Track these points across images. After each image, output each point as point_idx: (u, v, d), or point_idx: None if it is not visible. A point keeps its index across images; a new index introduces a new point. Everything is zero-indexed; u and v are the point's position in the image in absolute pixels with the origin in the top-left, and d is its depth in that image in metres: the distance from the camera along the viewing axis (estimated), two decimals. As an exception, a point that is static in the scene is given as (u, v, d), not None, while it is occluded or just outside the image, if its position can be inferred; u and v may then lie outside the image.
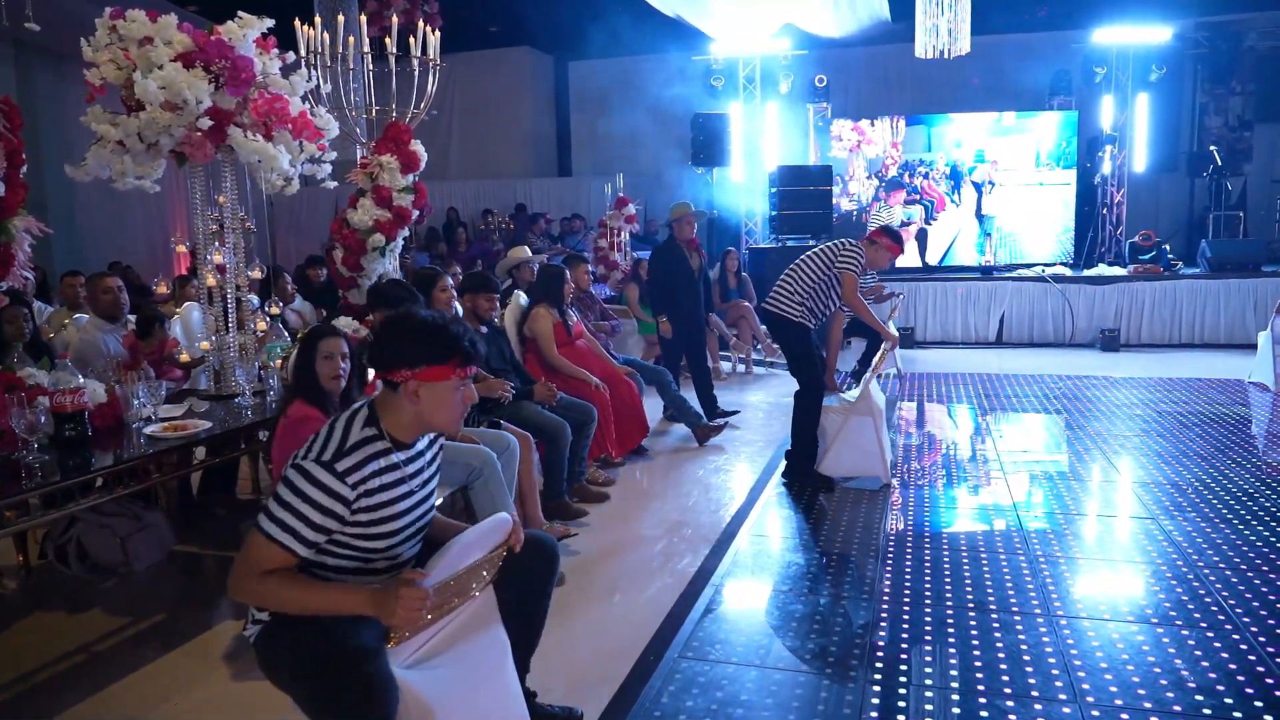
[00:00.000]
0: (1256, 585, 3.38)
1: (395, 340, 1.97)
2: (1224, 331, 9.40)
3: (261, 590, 1.88)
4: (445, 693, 1.93)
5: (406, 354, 1.94)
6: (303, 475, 1.89)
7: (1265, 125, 12.14)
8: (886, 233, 4.84)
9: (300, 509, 1.87)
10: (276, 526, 1.87)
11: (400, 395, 1.96)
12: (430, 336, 1.94)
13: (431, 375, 1.93)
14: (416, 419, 1.98)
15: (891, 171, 11.06)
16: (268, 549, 1.87)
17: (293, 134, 3.74)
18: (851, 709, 2.62)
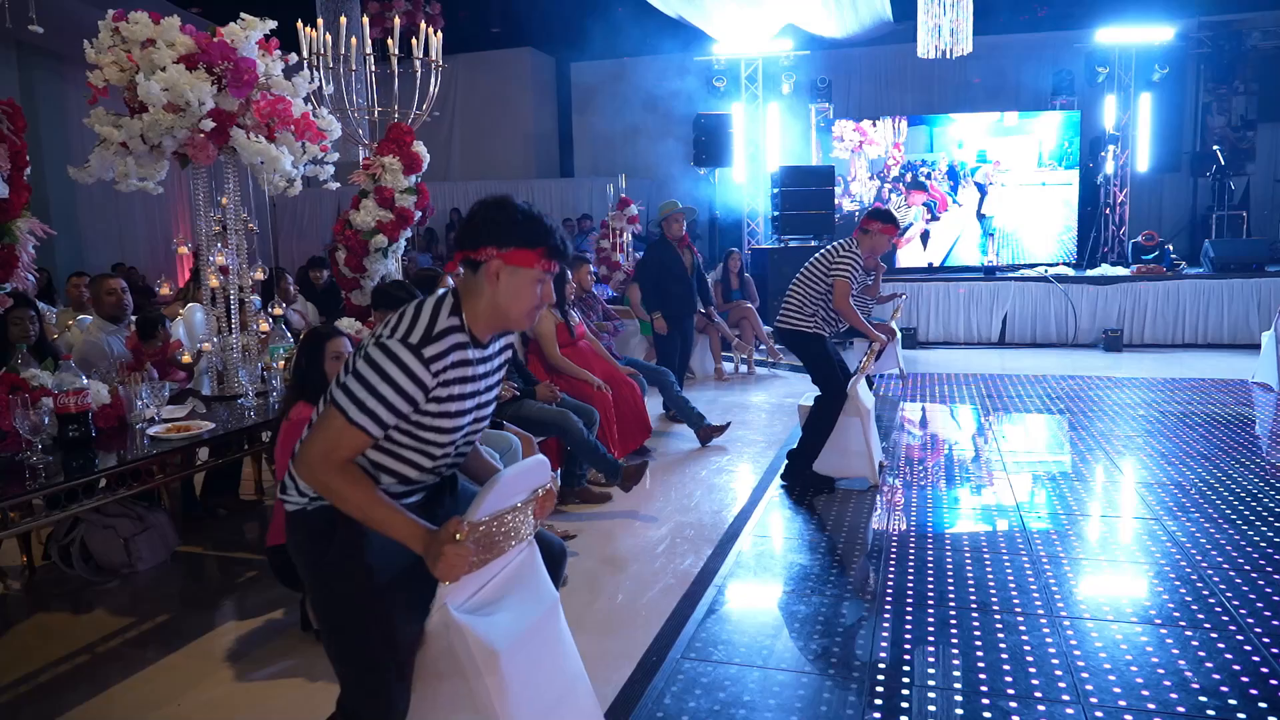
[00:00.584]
0: (1260, 586, 3.37)
1: (487, 218, 1.91)
2: (1227, 332, 9.38)
3: (332, 482, 1.83)
4: (505, 636, 1.91)
5: (496, 232, 1.89)
6: (387, 355, 1.82)
7: (1268, 125, 12.15)
8: (877, 216, 4.76)
9: (380, 390, 1.81)
10: (356, 408, 1.81)
11: (481, 277, 1.90)
12: (525, 220, 1.90)
13: (517, 258, 1.88)
14: (492, 306, 1.91)
15: (894, 171, 11.05)
16: (347, 432, 1.82)
17: (295, 135, 3.75)
18: (854, 710, 2.61)
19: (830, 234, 10.25)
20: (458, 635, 1.84)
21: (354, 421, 1.81)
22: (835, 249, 4.71)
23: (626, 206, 9.14)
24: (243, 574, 3.91)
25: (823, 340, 4.74)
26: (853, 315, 4.70)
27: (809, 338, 4.72)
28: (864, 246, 4.72)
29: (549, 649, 2.08)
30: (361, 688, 1.94)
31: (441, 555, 1.75)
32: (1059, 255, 10.93)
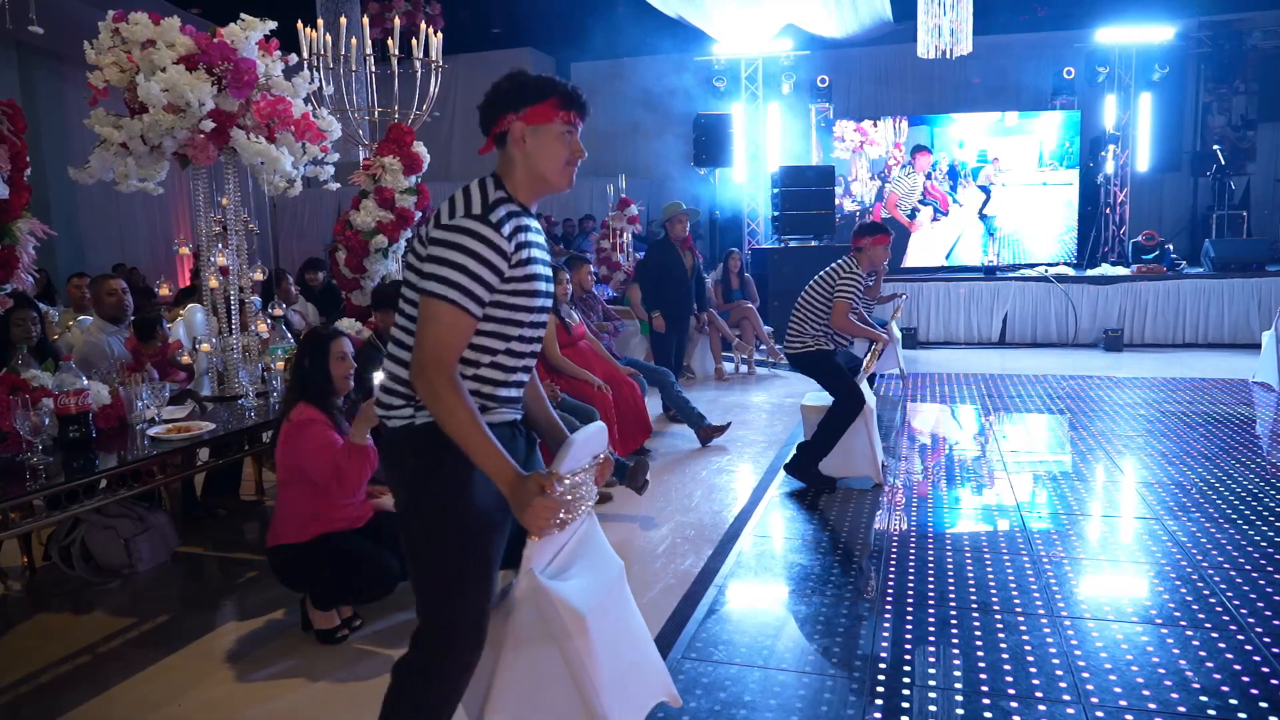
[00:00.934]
0: (1261, 585, 3.37)
1: (498, 89, 1.93)
2: (1228, 331, 9.39)
3: (445, 391, 1.76)
4: (588, 600, 1.93)
5: (509, 98, 1.90)
6: (459, 232, 1.81)
7: (1268, 124, 12.14)
8: (865, 231, 4.84)
9: (468, 265, 1.79)
10: (452, 288, 1.78)
11: (510, 148, 1.92)
12: (533, 79, 1.92)
13: (536, 116, 1.90)
14: (527, 171, 1.93)
15: (894, 172, 11.05)
16: (450, 314, 1.78)
17: (295, 136, 3.75)
18: (855, 710, 2.61)
19: (830, 234, 10.25)
20: (545, 600, 1.86)
21: (455, 302, 1.78)
22: (836, 270, 4.78)
23: (627, 207, 9.14)
24: (243, 574, 3.91)
25: (831, 354, 4.79)
26: (855, 330, 4.80)
27: (817, 356, 4.79)
28: (863, 264, 4.81)
29: (623, 613, 2.10)
30: (447, 620, 1.88)
31: (530, 505, 1.75)
32: (1059, 255, 10.92)
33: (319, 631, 3.17)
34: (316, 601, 3.17)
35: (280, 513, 3.16)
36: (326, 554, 3.08)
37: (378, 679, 2.93)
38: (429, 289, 1.80)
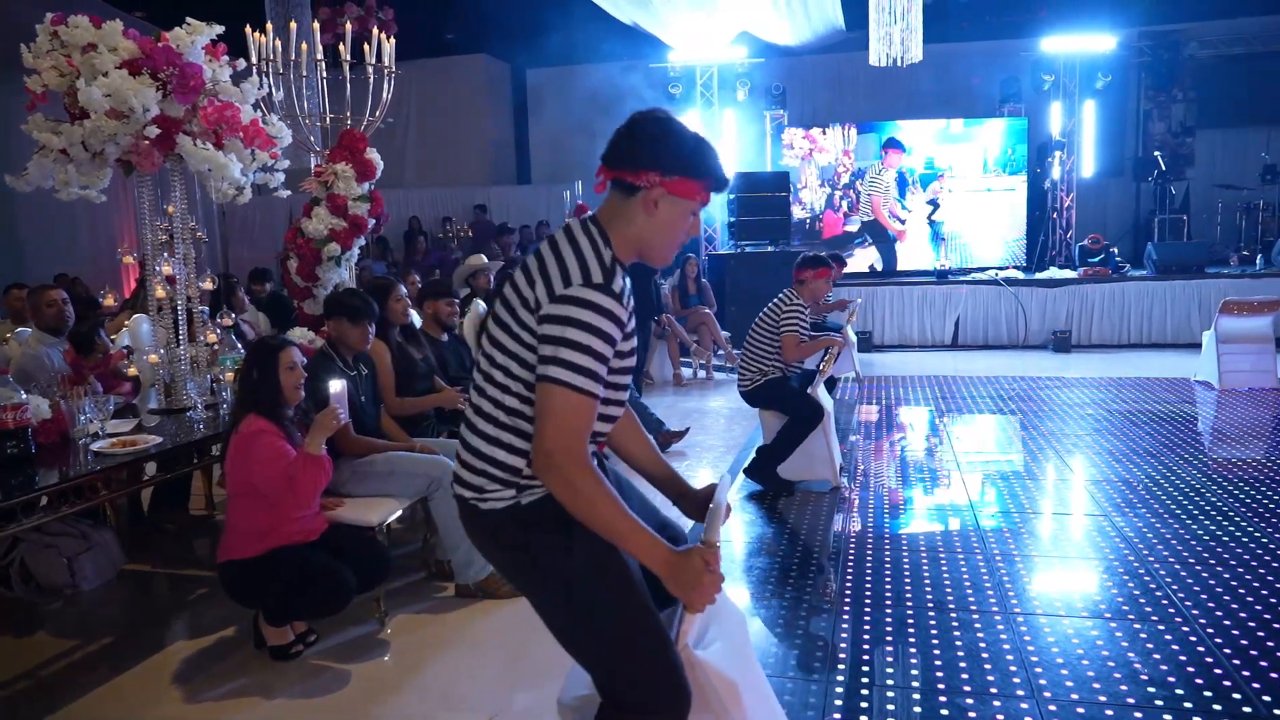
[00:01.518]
0: (1205, 579, 3.46)
1: (653, 136, 1.72)
2: (1170, 331, 9.65)
3: (585, 485, 1.61)
4: (732, 664, 1.84)
5: (663, 155, 1.70)
6: (581, 305, 1.62)
7: (1206, 131, 12.51)
8: (807, 265, 4.99)
9: (590, 344, 1.61)
10: (576, 373, 1.61)
11: (635, 202, 1.73)
12: (695, 145, 1.73)
13: (681, 188, 1.72)
14: (639, 237, 1.75)
15: (844, 179, 11.20)
16: (577, 402, 1.61)
17: (244, 142, 3.68)
18: (815, 711, 2.63)
19: (786, 240, 10.34)
20: (702, 672, 1.76)
21: (581, 389, 1.61)
22: (780, 304, 4.92)
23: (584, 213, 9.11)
24: (193, 591, 3.82)
25: (782, 380, 4.90)
26: (807, 353, 4.93)
27: (768, 386, 4.89)
28: (805, 296, 4.94)
29: (754, 667, 2.03)
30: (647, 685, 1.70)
31: (699, 584, 1.64)
32: (1004, 259, 11.14)
33: (273, 648, 3.10)
34: (269, 617, 3.10)
35: (231, 527, 3.09)
36: (280, 568, 3.02)
37: (335, 694, 2.88)
38: (552, 375, 1.62)
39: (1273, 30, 11.90)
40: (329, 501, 3.33)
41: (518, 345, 1.69)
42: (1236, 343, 7.20)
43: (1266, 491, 4.50)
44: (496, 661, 3.07)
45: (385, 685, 2.94)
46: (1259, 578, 3.45)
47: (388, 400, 3.86)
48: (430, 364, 4.14)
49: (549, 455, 1.62)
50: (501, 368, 1.72)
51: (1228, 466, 5.03)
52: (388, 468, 3.49)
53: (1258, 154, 11.42)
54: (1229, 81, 12.20)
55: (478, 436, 1.77)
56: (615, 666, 1.73)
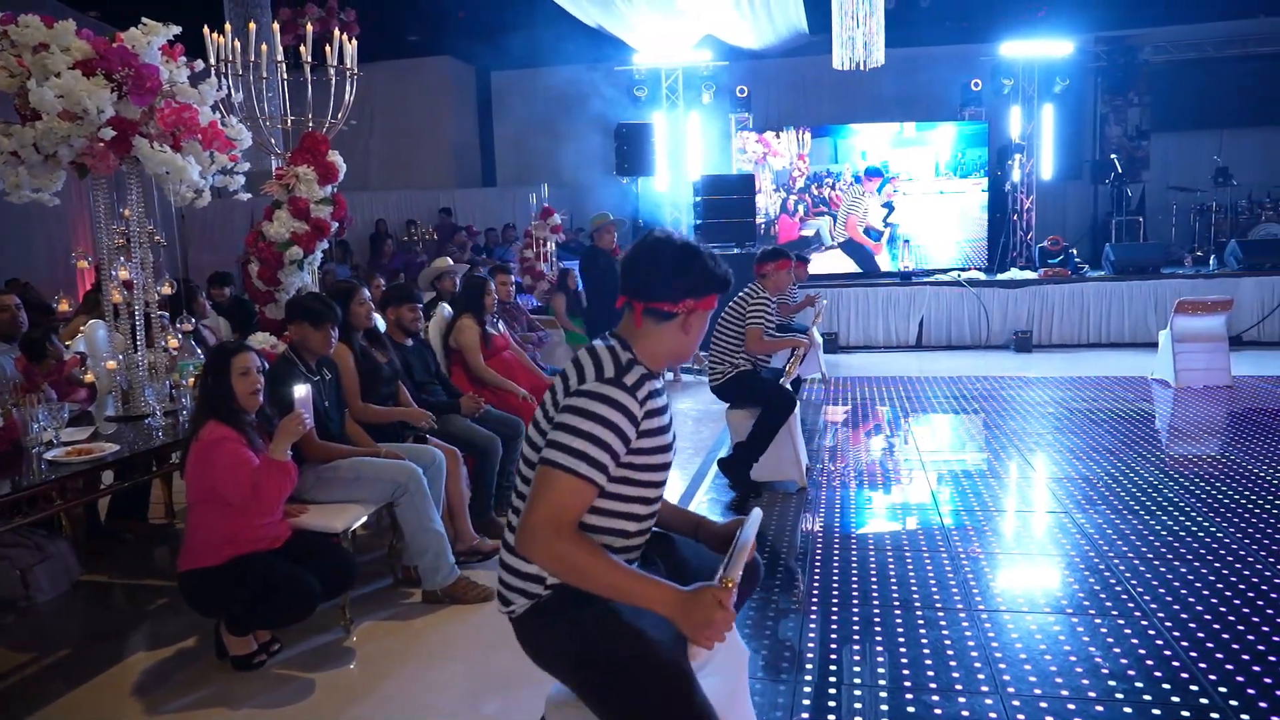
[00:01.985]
0: (1163, 573, 3.53)
1: (682, 269, 1.86)
2: (1128, 331, 9.84)
3: (567, 551, 1.69)
4: (724, 699, 1.86)
5: (697, 285, 1.86)
6: (591, 398, 1.74)
7: (1161, 135, 12.79)
8: (769, 258, 5.04)
9: (596, 433, 1.71)
10: (572, 456, 1.70)
11: (673, 325, 1.87)
12: (713, 264, 1.88)
13: (708, 303, 1.90)
14: (676, 349, 1.90)
15: (799, 183, 11.30)
16: (568, 484, 1.70)
17: (203, 144, 3.62)
18: (783, 711, 2.64)
19: (752, 241, 10.38)
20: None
21: (580, 474, 1.70)
22: (745, 298, 4.94)
23: (550, 215, 9.10)
24: (153, 601, 3.74)
25: (752, 373, 4.92)
26: (771, 348, 4.98)
27: (737, 379, 4.91)
28: (769, 289, 4.98)
29: (745, 704, 2.05)
30: None
31: (711, 622, 1.65)
32: (959, 261, 11.31)
33: (235, 658, 3.05)
34: (232, 626, 3.05)
35: (192, 535, 3.03)
36: (243, 577, 2.97)
37: (300, 703, 2.84)
38: (550, 458, 1.72)
39: (1224, 36, 12.20)
40: (292, 508, 3.28)
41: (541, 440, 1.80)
42: (1191, 342, 7.36)
43: (1221, 487, 4.61)
44: (463, 668, 3.04)
45: (351, 693, 2.90)
46: (1214, 571, 3.53)
47: (352, 405, 3.82)
48: (395, 368, 4.11)
49: (532, 529, 1.70)
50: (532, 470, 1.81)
51: (1184, 463, 5.14)
52: (353, 473, 3.45)
53: (1210, 157, 11.69)
54: (1182, 86, 12.49)
55: (511, 553, 1.86)
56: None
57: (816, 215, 11.37)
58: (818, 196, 11.34)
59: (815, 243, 11.27)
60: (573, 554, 1.70)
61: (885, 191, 11.28)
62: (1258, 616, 3.12)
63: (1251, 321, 9.60)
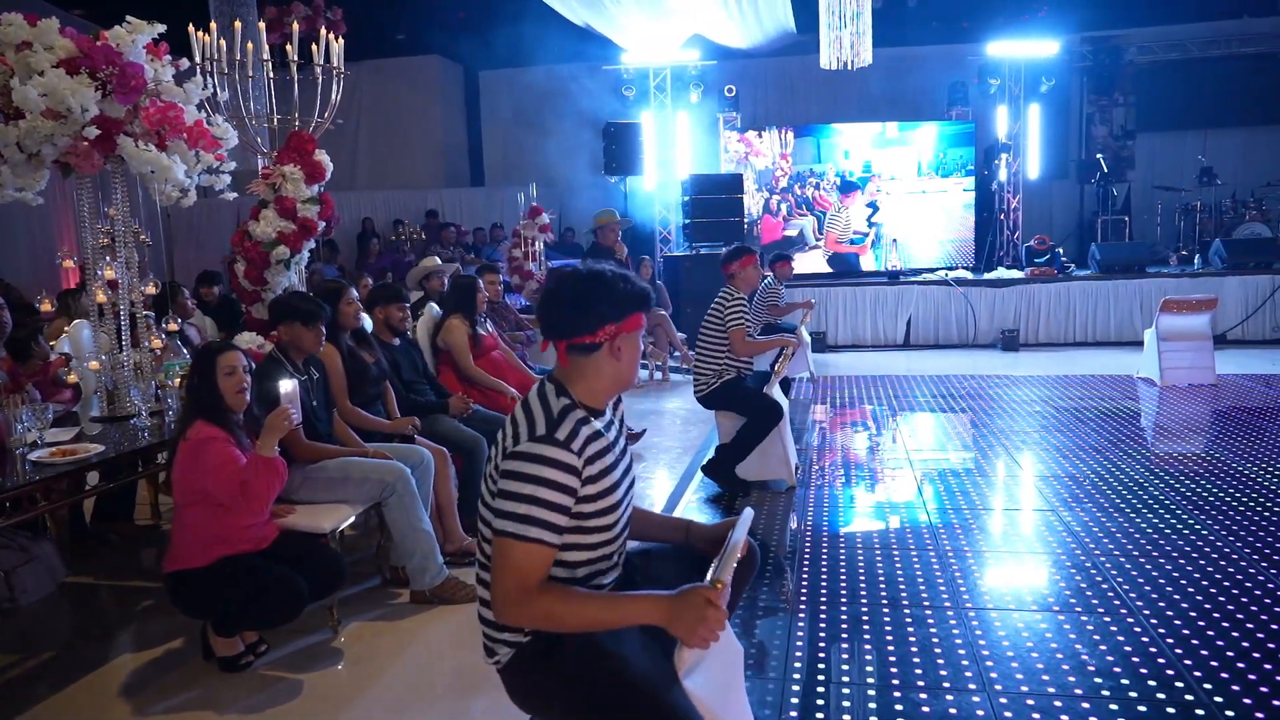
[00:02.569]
0: (1148, 570, 3.56)
1: (591, 296, 1.83)
2: (1114, 330, 9.91)
3: (541, 609, 1.71)
4: (715, 695, 1.84)
5: (611, 308, 1.83)
6: (526, 459, 1.73)
7: (1146, 134, 12.88)
8: (732, 257, 5.04)
9: (535, 493, 1.71)
10: (521, 523, 1.71)
11: (601, 355, 1.84)
12: (624, 285, 1.84)
13: (632, 323, 1.86)
14: (614, 377, 1.87)
15: (782, 183, 11.33)
16: (524, 552, 1.71)
17: (188, 144, 3.60)
18: (772, 711, 2.65)
19: (741, 241, 10.40)
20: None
21: (531, 539, 1.71)
22: (721, 303, 4.95)
23: (538, 215, 9.08)
24: (139, 603, 3.71)
25: (737, 382, 4.92)
26: (758, 349, 5.01)
27: (723, 389, 4.91)
28: (741, 288, 4.98)
29: (740, 701, 2.04)
30: None
31: (704, 620, 1.66)
32: (942, 260, 11.36)
33: (222, 659, 3.04)
34: (219, 628, 3.04)
35: (179, 536, 3.01)
36: (230, 578, 2.95)
37: (287, 704, 2.83)
38: (501, 529, 1.72)
39: (1208, 36, 12.30)
40: (280, 509, 3.27)
41: (489, 512, 1.80)
42: (1176, 340, 7.42)
43: (1205, 484, 4.64)
44: (452, 668, 3.04)
45: (338, 695, 2.89)
46: (1199, 568, 3.56)
47: (340, 405, 3.80)
48: (382, 368, 4.09)
49: (503, 602, 1.73)
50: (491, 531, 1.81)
51: (1169, 461, 5.18)
52: (340, 473, 3.44)
53: (1194, 156, 11.78)
54: (1167, 86, 12.58)
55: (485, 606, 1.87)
56: None
57: (800, 216, 11.39)
58: (800, 197, 11.37)
59: (799, 243, 11.30)
60: (549, 608, 1.72)
61: (869, 190, 11.32)
62: (1243, 614, 3.15)
63: (1235, 320, 9.68)
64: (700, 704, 1.78)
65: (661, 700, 1.72)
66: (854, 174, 11.32)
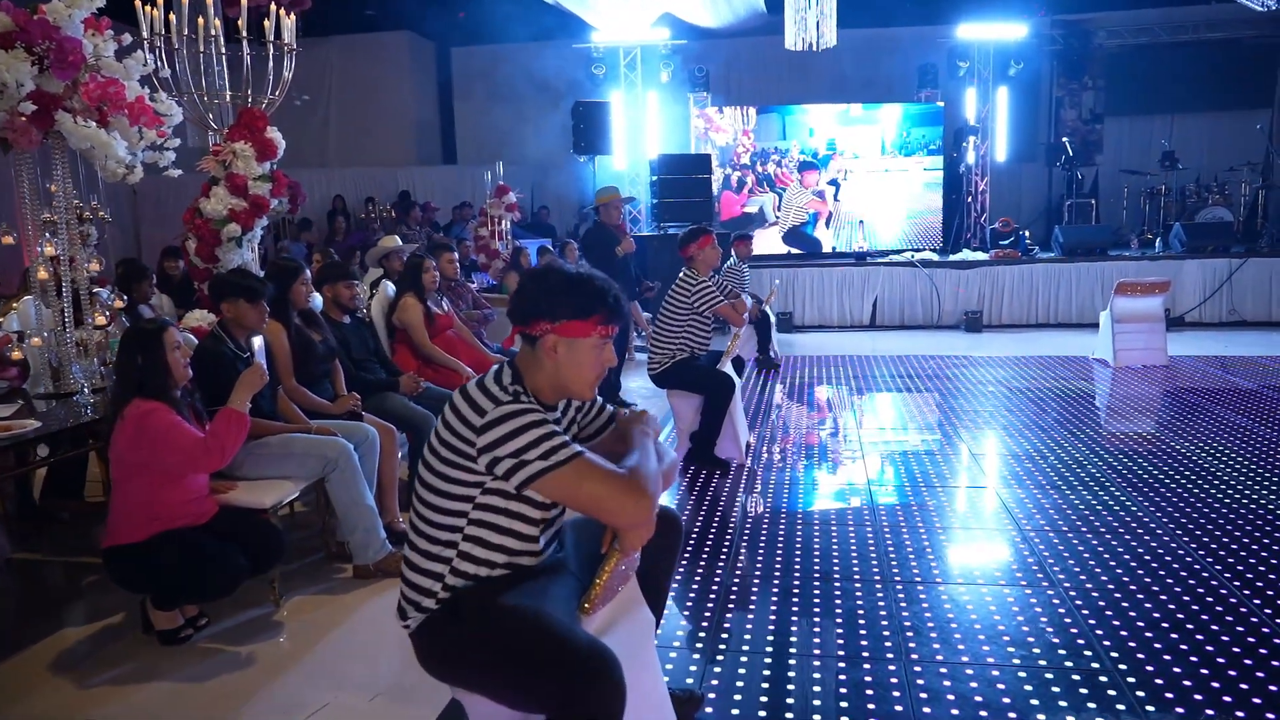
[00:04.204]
0: (1075, 545, 3.66)
1: (536, 292, 1.87)
2: (1076, 311, 10.05)
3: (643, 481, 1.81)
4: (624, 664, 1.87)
5: (547, 306, 1.85)
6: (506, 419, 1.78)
7: (1114, 118, 12.98)
8: (689, 240, 5.09)
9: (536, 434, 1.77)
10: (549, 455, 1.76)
11: (539, 351, 1.87)
12: (574, 288, 1.85)
13: (572, 330, 1.85)
14: (554, 379, 1.90)
15: (744, 159, 11.35)
16: (576, 468, 1.77)
17: (130, 120, 3.59)
18: (694, 679, 2.72)
19: (709, 221, 10.44)
20: None
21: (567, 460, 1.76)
22: (684, 288, 5.02)
23: (505, 194, 9.08)
24: (85, 578, 3.75)
25: (689, 361, 5.01)
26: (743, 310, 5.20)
27: (675, 368, 4.99)
28: (702, 270, 5.04)
29: (648, 673, 2.09)
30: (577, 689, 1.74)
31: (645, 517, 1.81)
32: (907, 241, 11.44)
33: (161, 633, 3.08)
34: (158, 602, 3.08)
35: (117, 511, 3.04)
36: (169, 553, 2.99)
37: (224, 676, 2.88)
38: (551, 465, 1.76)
39: (1176, 21, 12.39)
40: (220, 485, 3.30)
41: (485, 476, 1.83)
42: (1130, 322, 7.54)
43: (1142, 463, 4.76)
44: (390, 640, 3.08)
45: (276, 666, 2.94)
46: (1123, 543, 3.67)
47: (285, 382, 3.83)
48: (330, 346, 4.11)
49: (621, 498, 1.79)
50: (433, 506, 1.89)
51: (1110, 439, 5.29)
52: (283, 449, 3.48)
53: (1161, 140, 11.91)
54: (1135, 70, 12.68)
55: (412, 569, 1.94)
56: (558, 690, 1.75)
57: (760, 192, 11.42)
58: (762, 174, 11.39)
59: (758, 220, 11.33)
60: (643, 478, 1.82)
61: (831, 168, 11.36)
62: (1158, 586, 3.26)
63: (1194, 303, 9.84)
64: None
65: (568, 640, 1.77)
66: (817, 152, 11.34)
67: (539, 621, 1.80)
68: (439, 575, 1.90)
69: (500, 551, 1.92)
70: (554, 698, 1.75)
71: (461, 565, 1.90)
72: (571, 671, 1.73)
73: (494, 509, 1.88)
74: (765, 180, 11.41)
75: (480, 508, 1.87)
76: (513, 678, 1.80)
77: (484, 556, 1.91)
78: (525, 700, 1.84)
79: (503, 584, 1.90)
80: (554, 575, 1.99)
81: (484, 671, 1.85)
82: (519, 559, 1.94)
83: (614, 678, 1.73)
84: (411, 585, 1.94)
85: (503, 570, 1.93)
